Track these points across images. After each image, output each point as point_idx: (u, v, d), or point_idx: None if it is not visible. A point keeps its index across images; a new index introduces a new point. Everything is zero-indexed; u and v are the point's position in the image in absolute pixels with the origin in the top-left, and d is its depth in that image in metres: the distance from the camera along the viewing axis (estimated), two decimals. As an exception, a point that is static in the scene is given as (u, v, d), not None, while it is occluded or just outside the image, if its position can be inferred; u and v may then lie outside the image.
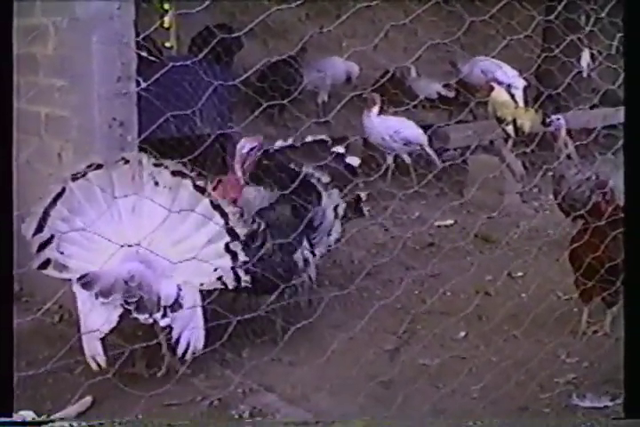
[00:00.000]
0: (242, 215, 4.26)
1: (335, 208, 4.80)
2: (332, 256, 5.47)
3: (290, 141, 4.85)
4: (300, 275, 4.53)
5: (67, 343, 3.43)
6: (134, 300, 3.77)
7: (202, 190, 3.91)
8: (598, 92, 7.07)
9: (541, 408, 3.90)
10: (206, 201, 3.92)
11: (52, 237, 3.83)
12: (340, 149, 4.89)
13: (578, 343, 4.35)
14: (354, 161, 4.92)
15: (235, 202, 4.41)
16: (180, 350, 3.91)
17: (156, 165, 3.91)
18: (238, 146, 4.74)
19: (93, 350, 3.78)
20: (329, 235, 4.79)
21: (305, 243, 4.61)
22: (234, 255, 3.94)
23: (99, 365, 3.79)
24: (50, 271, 3.88)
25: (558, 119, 5.80)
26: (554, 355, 4.36)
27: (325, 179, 4.75)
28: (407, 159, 7.74)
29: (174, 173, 3.89)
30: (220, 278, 3.94)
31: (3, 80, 3.18)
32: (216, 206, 3.92)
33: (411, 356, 4.33)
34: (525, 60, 6.73)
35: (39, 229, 3.83)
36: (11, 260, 2.98)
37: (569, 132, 5.81)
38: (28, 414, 3.77)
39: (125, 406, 3.58)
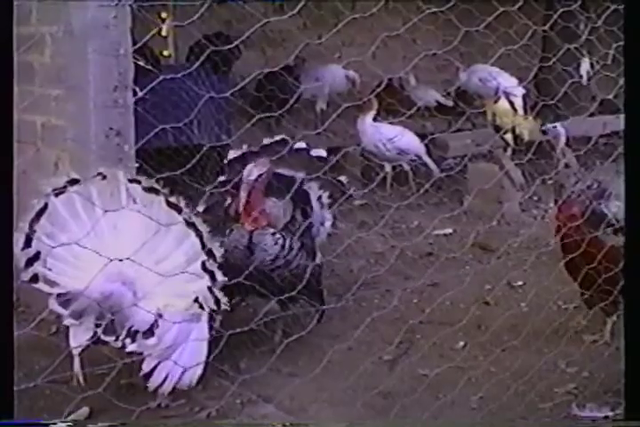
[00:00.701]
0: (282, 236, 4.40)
1: (319, 199, 4.87)
2: (329, 266, 5.44)
3: (245, 148, 4.83)
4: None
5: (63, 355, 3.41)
6: (103, 322, 3.69)
7: (176, 207, 3.78)
8: (597, 101, 7.07)
9: (541, 418, 3.87)
10: (180, 218, 3.79)
11: (39, 252, 3.76)
12: (302, 145, 4.87)
13: (578, 353, 4.32)
14: (320, 153, 4.90)
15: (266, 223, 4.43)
16: (151, 384, 3.82)
17: (130, 180, 3.79)
18: (245, 172, 4.38)
19: (75, 366, 3.79)
20: (322, 224, 4.92)
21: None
22: (211, 275, 3.82)
23: (78, 381, 3.80)
24: (41, 286, 3.80)
25: (555, 127, 5.77)
26: (553, 365, 4.33)
27: (299, 175, 4.73)
28: (406, 167, 7.73)
29: (147, 190, 3.77)
30: (196, 300, 3.83)
31: (3, 91, 3.14)
32: (190, 224, 3.81)
33: (409, 366, 4.30)
34: (524, 69, 6.73)
35: (27, 243, 3.75)
36: (10, 271, 2.94)
37: (568, 140, 5.78)
38: (24, 427, 3.75)
39: (123, 418, 3.55)
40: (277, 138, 4.87)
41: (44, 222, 3.76)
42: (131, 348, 3.73)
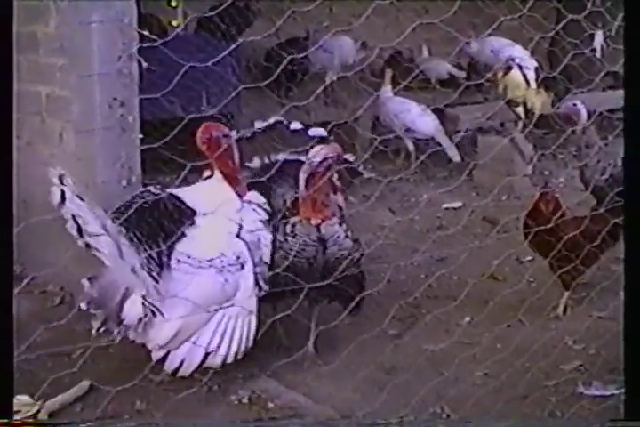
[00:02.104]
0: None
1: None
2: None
3: (235, 134, 4.39)
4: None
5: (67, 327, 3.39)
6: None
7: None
8: (610, 75, 6.98)
9: (546, 396, 3.83)
10: None
11: None
12: (298, 125, 4.65)
13: (584, 330, 4.27)
14: (319, 132, 4.67)
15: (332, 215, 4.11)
16: (167, 368, 3.81)
17: None
18: (310, 153, 4.05)
19: None
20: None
21: None
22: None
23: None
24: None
25: (575, 105, 5.67)
26: (560, 341, 4.29)
27: (303, 159, 4.37)
28: (410, 146, 7.60)
29: None
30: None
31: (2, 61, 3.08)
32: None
33: (414, 341, 4.27)
34: (536, 42, 6.64)
35: None
36: (11, 243, 2.91)
37: (589, 116, 5.68)
38: (25, 399, 3.74)
39: (123, 393, 3.53)
40: (271, 121, 4.64)
41: None
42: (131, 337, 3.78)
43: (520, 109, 7.63)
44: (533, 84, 8.02)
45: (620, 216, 4.12)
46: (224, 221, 3.84)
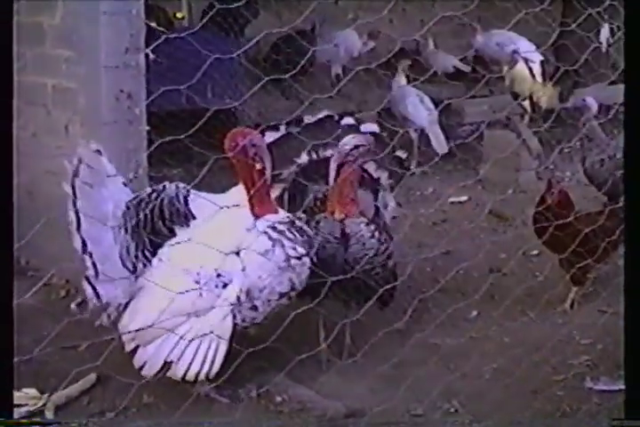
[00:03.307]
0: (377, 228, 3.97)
1: (378, 180, 4.43)
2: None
3: (283, 129, 4.31)
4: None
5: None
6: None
7: None
8: (617, 68, 6.95)
9: (555, 391, 3.82)
10: None
11: None
12: (350, 121, 4.52)
13: (592, 325, 4.26)
14: (372, 128, 4.57)
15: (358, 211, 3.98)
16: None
17: None
18: (342, 142, 3.95)
19: None
20: (385, 208, 4.47)
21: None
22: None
23: None
24: None
25: (584, 100, 5.67)
26: (568, 336, 4.28)
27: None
28: (413, 135, 7.56)
29: None
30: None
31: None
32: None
33: (422, 335, 4.25)
34: (544, 35, 6.62)
35: None
36: (11, 235, 2.88)
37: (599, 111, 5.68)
38: (31, 392, 3.73)
39: (129, 384, 3.52)
40: (321, 115, 4.43)
41: None
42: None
43: (526, 103, 7.60)
44: (539, 78, 7.98)
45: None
46: (219, 235, 3.55)
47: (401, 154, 4.57)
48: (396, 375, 3.81)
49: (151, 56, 4.35)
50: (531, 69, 7.93)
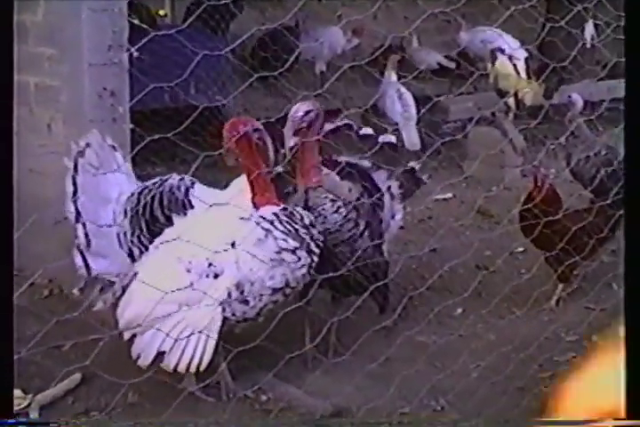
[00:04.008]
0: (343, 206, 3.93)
1: (388, 190, 4.41)
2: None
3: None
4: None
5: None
6: None
7: None
8: (602, 65, 6.96)
9: (542, 388, 3.82)
10: None
11: None
12: (369, 131, 4.55)
13: (579, 322, 4.26)
14: (389, 139, 4.57)
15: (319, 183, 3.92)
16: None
17: None
18: (292, 110, 3.89)
19: None
20: (393, 217, 4.47)
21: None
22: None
23: None
24: None
25: (569, 96, 5.68)
26: (555, 333, 4.28)
27: (366, 164, 4.32)
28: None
29: None
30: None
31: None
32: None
33: (409, 333, 4.24)
34: (529, 31, 6.61)
35: None
36: (10, 238, 2.84)
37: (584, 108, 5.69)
38: (16, 393, 3.70)
39: (114, 384, 3.50)
40: (340, 123, 4.44)
41: None
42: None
43: (511, 100, 7.60)
44: (523, 75, 7.99)
45: (619, 210, 4.13)
46: (214, 224, 3.57)
47: (414, 165, 4.59)
48: (383, 374, 3.80)
49: (134, 53, 4.32)
50: (515, 66, 7.94)
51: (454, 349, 4.02)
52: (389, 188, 4.40)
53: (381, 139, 4.43)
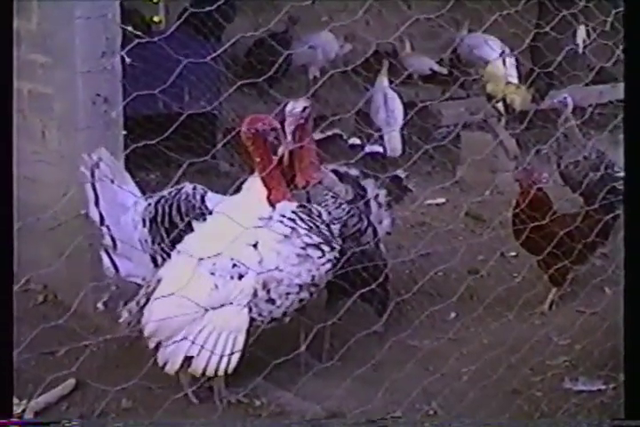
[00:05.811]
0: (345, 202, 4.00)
1: (376, 198, 4.44)
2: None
3: None
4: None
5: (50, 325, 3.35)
6: None
7: None
8: (593, 70, 6.99)
9: (533, 392, 3.83)
10: None
11: None
12: (357, 141, 4.60)
13: (571, 325, 4.28)
14: (375, 149, 4.62)
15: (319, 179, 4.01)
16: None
17: None
18: (288, 106, 3.94)
19: None
20: (380, 223, 4.47)
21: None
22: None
23: None
24: None
25: (565, 98, 5.71)
26: (547, 337, 4.29)
27: (354, 172, 4.38)
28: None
29: None
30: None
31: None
32: None
33: (400, 337, 4.26)
34: (518, 37, 6.63)
35: None
36: (11, 248, 2.85)
37: (574, 110, 5.72)
38: (10, 398, 3.70)
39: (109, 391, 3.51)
40: (329, 133, 4.57)
41: None
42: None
43: (500, 105, 7.60)
44: (513, 80, 7.99)
45: (610, 213, 4.15)
46: (233, 227, 3.41)
47: (400, 173, 4.63)
48: (375, 377, 3.81)
49: (127, 60, 4.33)
50: (504, 71, 7.95)
51: (446, 352, 4.03)
52: (377, 196, 4.44)
53: (368, 149, 4.50)
